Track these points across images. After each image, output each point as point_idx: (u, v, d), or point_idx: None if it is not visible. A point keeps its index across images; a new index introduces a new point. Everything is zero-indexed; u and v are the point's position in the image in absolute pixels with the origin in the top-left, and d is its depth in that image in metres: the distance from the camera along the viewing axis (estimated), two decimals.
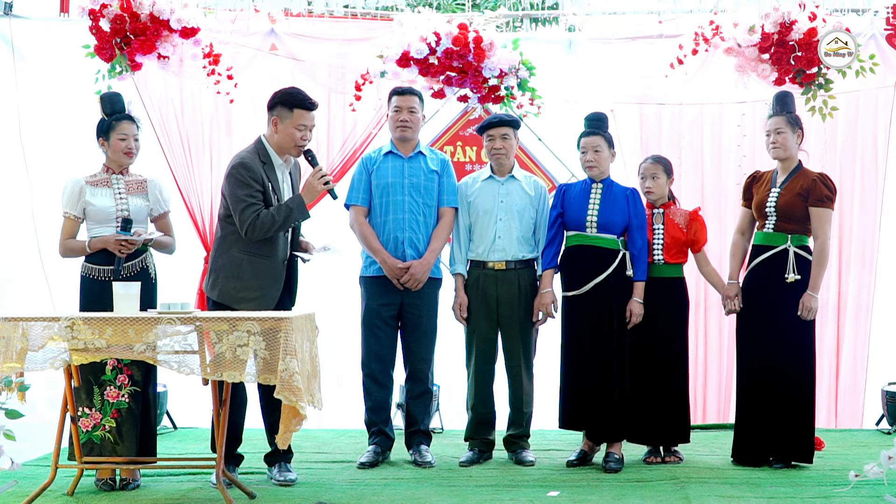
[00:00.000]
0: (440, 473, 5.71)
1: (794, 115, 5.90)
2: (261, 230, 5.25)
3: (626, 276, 5.82)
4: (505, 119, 6.06)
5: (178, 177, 7.08)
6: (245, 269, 5.34)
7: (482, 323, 6.01)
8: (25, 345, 4.70)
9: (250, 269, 5.34)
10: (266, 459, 5.60)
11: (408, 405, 6.11)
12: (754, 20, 6.73)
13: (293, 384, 4.61)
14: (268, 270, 5.36)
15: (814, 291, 5.75)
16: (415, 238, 5.93)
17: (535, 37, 7.57)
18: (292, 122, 5.31)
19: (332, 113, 7.33)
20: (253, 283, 5.34)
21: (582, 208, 5.87)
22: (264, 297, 5.34)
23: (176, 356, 4.78)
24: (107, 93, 5.83)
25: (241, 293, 5.33)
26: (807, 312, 5.73)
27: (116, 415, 5.26)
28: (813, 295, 5.74)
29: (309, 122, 5.35)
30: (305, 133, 5.34)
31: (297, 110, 5.31)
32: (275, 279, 5.39)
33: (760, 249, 5.87)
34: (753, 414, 5.84)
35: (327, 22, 7.39)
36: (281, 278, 5.42)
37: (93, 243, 5.44)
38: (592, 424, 5.85)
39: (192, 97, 7.22)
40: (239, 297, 5.32)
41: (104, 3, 6.67)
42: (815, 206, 5.76)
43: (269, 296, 5.36)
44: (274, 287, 5.38)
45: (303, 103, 5.33)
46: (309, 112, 5.34)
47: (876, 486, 5.11)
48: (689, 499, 5.01)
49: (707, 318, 7.25)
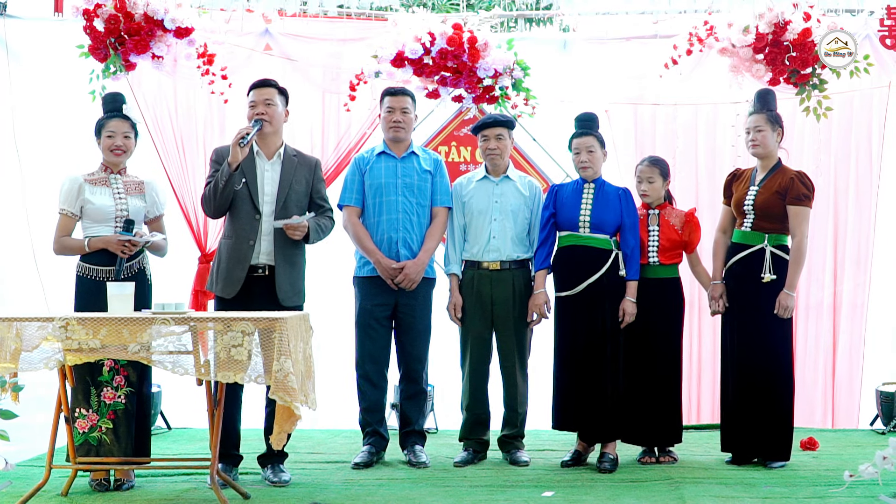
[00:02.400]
0: (435, 474, 5.71)
1: (775, 112, 5.91)
2: (207, 199, 5.54)
3: (619, 276, 5.82)
4: (500, 119, 6.06)
5: (172, 177, 7.08)
6: (221, 251, 5.59)
7: (477, 323, 6.01)
8: (19, 345, 4.69)
9: (223, 250, 5.57)
10: (259, 460, 5.59)
11: (402, 405, 6.11)
12: (749, 20, 6.72)
13: (288, 384, 4.60)
14: (233, 251, 5.50)
15: (790, 290, 5.77)
16: (409, 238, 5.93)
17: (530, 37, 7.57)
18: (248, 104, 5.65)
19: (327, 113, 7.33)
20: (223, 264, 5.52)
21: (574, 208, 5.87)
22: (230, 277, 5.48)
23: (170, 356, 4.77)
24: (108, 92, 5.84)
25: (215, 273, 5.57)
26: (783, 311, 5.75)
27: (113, 416, 5.25)
28: (789, 293, 5.76)
29: (257, 97, 5.58)
30: (256, 109, 5.55)
31: (250, 93, 5.64)
32: (239, 260, 5.48)
33: (738, 248, 5.89)
34: (734, 412, 5.87)
35: (322, 22, 7.38)
36: (246, 260, 5.47)
37: (93, 243, 5.42)
38: (586, 425, 5.85)
39: (186, 97, 7.22)
40: (215, 277, 5.56)
41: (98, 2, 6.65)
42: (793, 205, 5.77)
43: (235, 276, 5.47)
44: (239, 267, 5.47)
45: (251, 86, 5.66)
46: (255, 90, 5.61)
47: (871, 487, 5.12)
48: (684, 499, 5.02)
49: (700, 318, 7.25)
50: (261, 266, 5.49)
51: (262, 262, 5.49)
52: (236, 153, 5.36)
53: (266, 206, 5.52)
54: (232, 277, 5.47)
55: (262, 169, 5.56)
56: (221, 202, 5.46)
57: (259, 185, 5.53)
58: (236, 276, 5.47)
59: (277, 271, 5.48)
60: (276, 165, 5.59)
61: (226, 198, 5.45)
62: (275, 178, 5.56)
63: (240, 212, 5.51)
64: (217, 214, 5.61)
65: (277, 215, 5.51)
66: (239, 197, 5.49)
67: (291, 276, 5.55)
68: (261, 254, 5.49)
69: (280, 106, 5.61)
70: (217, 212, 5.56)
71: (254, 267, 5.48)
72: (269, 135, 5.58)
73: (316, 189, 5.72)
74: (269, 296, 5.47)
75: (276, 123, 5.59)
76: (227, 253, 5.52)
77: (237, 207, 5.51)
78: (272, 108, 5.56)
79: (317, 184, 5.74)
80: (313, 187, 5.71)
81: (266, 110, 5.54)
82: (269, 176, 5.56)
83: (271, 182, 5.55)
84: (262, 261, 5.49)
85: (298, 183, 5.61)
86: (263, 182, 5.54)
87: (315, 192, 5.72)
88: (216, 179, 5.45)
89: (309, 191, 5.68)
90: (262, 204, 5.51)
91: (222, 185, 5.40)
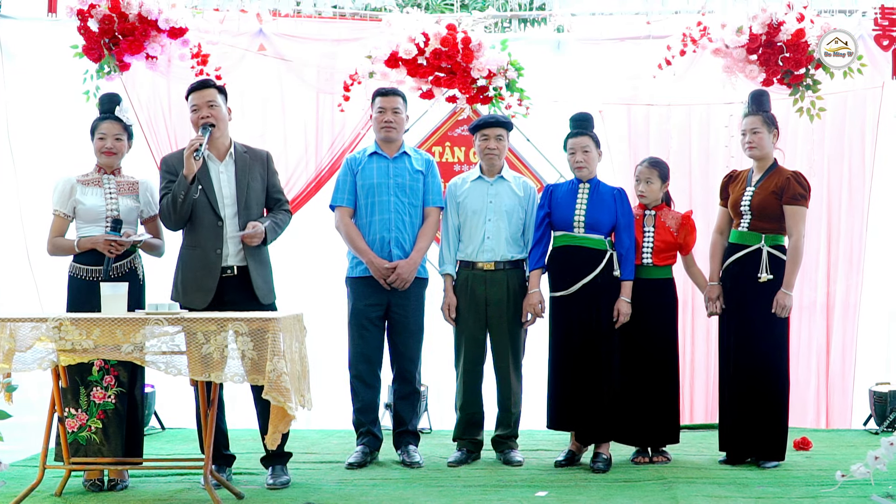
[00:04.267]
0: (428, 474, 5.71)
1: (770, 114, 5.93)
2: (165, 213, 5.45)
3: (614, 276, 5.82)
4: (501, 120, 6.07)
5: None
6: (185, 261, 5.50)
7: (471, 323, 6.01)
8: (13, 345, 4.69)
9: (187, 260, 5.48)
10: (262, 462, 5.59)
11: (396, 405, 6.11)
12: (742, 21, 6.74)
13: (281, 385, 4.60)
14: (200, 261, 5.43)
15: (788, 289, 5.78)
16: (401, 238, 5.94)
17: (524, 37, 7.57)
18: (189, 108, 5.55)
19: (321, 113, 7.33)
20: (189, 275, 5.45)
21: (569, 208, 5.87)
22: (199, 287, 5.41)
23: (163, 357, 4.78)
24: (104, 93, 5.85)
25: (180, 283, 5.48)
26: (781, 310, 5.76)
27: (102, 416, 5.24)
28: (787, 293, 5.77)
29: (197, 100, 5.48)
30: (200, 112, 5.46)
31: (189, 96, 5.55)
32: (208, 270, 5.41)
33: (735, 248, 5.90)
34: (731, 412, 5.88)
35: (316, 22, 7.38)
36: (215, 268, 5.42)
37: (81, 243, 5.43)
38: (580, 425, 5.86)
39: (180, 97, 7.16)
40: (181, 288, 5.47)
41: (93, 3, 6.67)
42: (790, 204, 5.79)
43: (205, 286, 5.41)
44: (209, 277, 5.41)
45: (189, 89, 5.56)
46: (194, 93, 5.50)
47: (863, 487, 5.13)
48: (677, 499, 5.02)
49: (694, 318, 7.26)
50: (230, 267, 5.46)
51: (230, 264, 5.46)
52: (191, 165, 5.29)
53: (228, 209, 5.46)
54: (203, 287, 5.40)
55: (216, 172, 5.50)
56: (182, 214, 5.38)
57: (217, 189, 5.47)
58: (207, 286, 5.40)
59: (251, 272, 5.45)
60: (230, 165, 5.53)
61: (186, 209, 5.37)
62: (231, 179, 5.51)
63: (201, 221, 5.44)
64: (178, 227, 5.50)
65: (240, 216, 5.47)
66: (198, 205, 5.42)
67: (264, 273, 5.53)
68: (229, 257, 5.45)
69: (223, 106, 5.53)
70: (178, 224, 5.46)
71: (223, 269, 5.44)
72: (217, 137, 5.51)
73: (271, 183, 5.68)
74: (245, 295, 5.44)
75: (222, 124, 5.52)
76: (193, 263, 5.45)
77: (197, 216, 5.44)
78: (216, 110, 5.47)
79: (271, 177, 5.68)
80: (268, 181, 5.66)
81: (210, 113, 5.45)
82: (224, 178, 5.50)
83: (228, 184, 5.50)
84: (231, 262, 5.46)
85: (254, 180, 5.56)
86: (220, 185, 5.48)
87: (271, 185, 5.67)
88: (173, 193, 5.36)
89: (265, 186, 5.63)
90: (223, 208, 5.46)
91: (181, 199, 5.32)
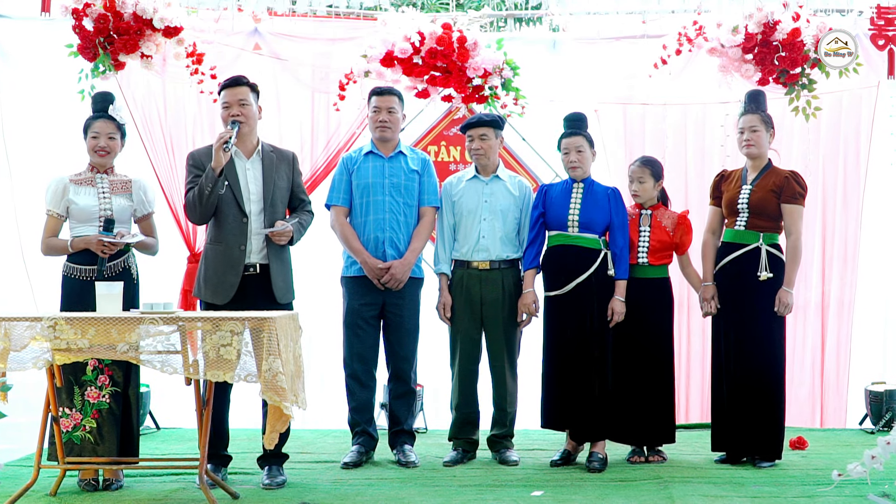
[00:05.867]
0: (424, 473, 5.71)
1: (767, 113, 5.94)
2: (191, 206, 5.45)
3: (608, 276, 5.82)
4: (484, 119, 6.06)
5: (161, 176, 7.05)
6: (208, 258, 5.51)
7: (466, 323, 6.01)
8: (8, 345, 4.67)
9: (211, 256, 5.49)
10: (259, 462, 5.58)
11: (391, 405, 6.10)
12: (738, 20, 6.74)
13: (277, 384, 4.60)
14: (224, 257, 5.44)
15: (789, 287, 5.80)
16: (395, 238, 5.93)
17: (519, 37, 7.58)
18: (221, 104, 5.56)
19: (316, 113, 7.32)
20: (211, 271, 5.46)
21: (563, 208, 5.87)
22: (222, 282, 5.42)
23: (159, 356, 4.77)
24: (97, 92, 5.83)
25: (203, 279, 5.50)
26: (783, 308, 5.77)
27: (97, 415, 5.24)
28: (788, 291, 5.79)
29: (229, 97, 5.48)
30: (231, 110, 5.46)
31: (222, 93, 5.55)
32: (231, 265, 5.43)
33: (731, 247, 5.90)
34: (727, 411, 5.88)
35: (311, 21, 7.37)
36: (238, 264, 5.43)
37: (75, 243, 5.42)
38: (575, 424, 5.86)
39: (175, 97, 7.20)
40: (203, 284, 5.50)
41: (88, 2, 6.64)
42: (788, 203, 5.81)
43: (228, 282, 5.42)
44: (232, 273, 5.42)
45: (222, 85, 5.58)
46: (227, 90, 5.51)
47: (859, 486, 5.14)
48: (673, 498, 5.02)
49: (689, 318, 7.27)
50: (252, 265, 5.47)
51: (253, 262, 5.47)
52: (220, 158, 5.31)
53: (253, 206, 5.48)
54: (225, 283, 5.42)
55: (243, 169, 5.52)
56: (207, 208, 5.40)
57: (243, 186, 5.49)
58: (229, 281, 5.42)
59: (272, 270, 5.46)
60: (257, 163, 5.55)
61: (212, 203, 5.39)
62: (257, 177, 5.53)
63: (226, 216, 5.46)
64: (203, 221, 5.53)
65: (266, 213, 5.49)
66: (223, 201, 5.44)
67: (284, 272, 5.54)
68: (252, 253, 5.46)
69: (254, 104, 5.55)
70: (203, 218, 5.49)
71: (246, 266, 5.46)
72: (246, 134, 5.53)
73: (296, 183, 5.70)
74: (264, 293, 5.45)
75: (252, 122, 5.54)
76: (216, 259, 5.47)
77: (223, 212, 5.46)
78: (247, 108, 5.49)
79: (296, 178, 5.71)
80: (294, 181, 5.68)
81: (241, 111, 5.47)
82: (251, 175, 5.52)
83: (255, 181, 5.52)
84: (254, 260, 5.47)
85: (280, 178, 5.58)
86: (247, 182, 5.50)
87: (296, 185, 5.69)
88: (200, 186, 5.37)
89: (290, 185, 5.65)
90: (249, 204, 5.47)
91: (208, 192, 5.34)
